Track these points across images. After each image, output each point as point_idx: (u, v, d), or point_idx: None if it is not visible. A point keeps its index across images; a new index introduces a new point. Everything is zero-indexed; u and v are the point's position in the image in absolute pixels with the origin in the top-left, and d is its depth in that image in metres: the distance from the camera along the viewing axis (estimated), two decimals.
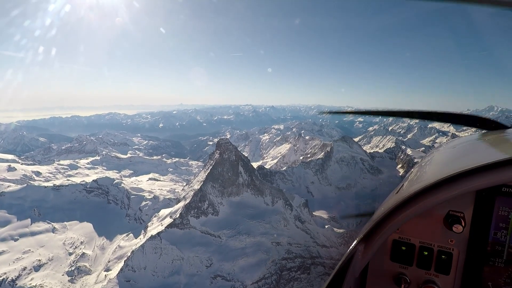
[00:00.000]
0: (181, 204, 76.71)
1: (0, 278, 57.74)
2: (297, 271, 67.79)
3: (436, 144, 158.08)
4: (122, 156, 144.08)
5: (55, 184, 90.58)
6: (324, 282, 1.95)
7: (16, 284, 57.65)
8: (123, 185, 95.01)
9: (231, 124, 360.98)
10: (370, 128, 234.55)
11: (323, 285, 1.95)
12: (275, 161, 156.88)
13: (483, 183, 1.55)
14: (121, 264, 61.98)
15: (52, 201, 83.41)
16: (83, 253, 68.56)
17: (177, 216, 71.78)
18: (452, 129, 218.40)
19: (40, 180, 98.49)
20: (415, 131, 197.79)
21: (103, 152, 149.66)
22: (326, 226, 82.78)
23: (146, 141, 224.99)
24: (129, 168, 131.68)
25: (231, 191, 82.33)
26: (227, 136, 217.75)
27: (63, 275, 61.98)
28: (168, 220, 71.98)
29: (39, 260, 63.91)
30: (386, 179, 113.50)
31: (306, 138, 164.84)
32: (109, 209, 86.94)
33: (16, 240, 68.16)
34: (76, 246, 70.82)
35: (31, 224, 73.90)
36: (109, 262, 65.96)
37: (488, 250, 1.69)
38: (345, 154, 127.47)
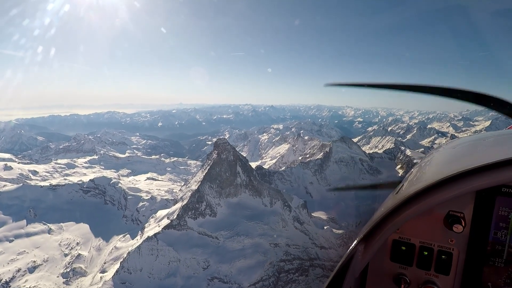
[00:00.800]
0: (179, 205, 76.00)
1: None
2: (295, 273, 67.21)
3: (436, 145, 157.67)
4: (120, 156, 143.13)
5: (52, 184, 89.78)
6: (324, 282, 1.95)
7: (10, 286, 57.01)
8: (120, 185, 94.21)
9: (231, 124, 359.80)
10: (370, 128, 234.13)
11: (323, 285, 1.94)
12: (274, 161, 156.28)
13: (483, 184, 1.56)
14: (117, 266, 61.29)
15: (48, 201, 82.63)
16: (79, 254, 67.86)
17: (174, 217, 71.07)
18: (452, 130, 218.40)
19: (37, 180, 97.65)
20: (415, 132, 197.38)
21: (101, 151, 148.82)
22: (325, 227, 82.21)
23: (145, 140, 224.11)
24: (127, 168, 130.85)
25: (229, 192, 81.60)
26: (226, 136, 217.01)
27: (58, 277, 61.26)
28: (165, 221, 71.28)
29: (34, 262, 63.20)
30: (385, 180, 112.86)
31: (305, 138, 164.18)
32: (106, 210, 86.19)
33: (11, 242, 67.43)
34: (72, 247, 70.09)
35: (27, 225, 73.17)
36: (105, 264, 65.26)
37: (488, 250, 1.70)
38: (344, 155, 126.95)
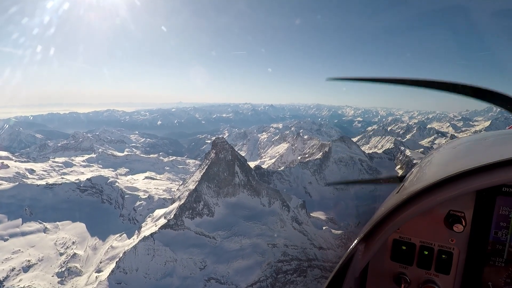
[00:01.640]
0: (176, 205, 75.23)
1: None
2: (293, 274, 66.56)
3: (435, 145, 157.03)
4: (119, 154, 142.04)
5: (48, 183, 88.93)
6: (325, 282, 1.95)
7: (4, 285, 56.21)
8: (118, 184, 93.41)
9: (230, 123, 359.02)
10: (369, 128, 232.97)
11: (323, 285, 1.96)
12: (273, 161, 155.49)
13: (484, 183, 1.56)
14: (113, 265, 60.55)
15: (45, 200, 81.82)
16: (75, 254, 67.10)
17: (171, 217, 70.31)
18: (451, 130, 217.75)
19: (34, 178, 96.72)
20: (414, 132, 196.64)
21: (99, 150, 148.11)
22: (324, 228, 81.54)
23: (144, 139, 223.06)
24: (125, 166, 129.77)
25: (227, 192, 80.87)
26: (226, 135, 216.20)
27: (53, 276, 60.53)
28: (162, 221, 70.51)
29: (29, 261, 62.43)
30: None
31: (305, 138, 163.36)
32: (103, 209, 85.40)
33: (6, 240, 66.62)
34: (68, 247, 69.34)
35: (22, 224, 72.36)
36: (101, 263, 64.50)
37: (489, 250, 1.71)
38: (344, 155, 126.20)
